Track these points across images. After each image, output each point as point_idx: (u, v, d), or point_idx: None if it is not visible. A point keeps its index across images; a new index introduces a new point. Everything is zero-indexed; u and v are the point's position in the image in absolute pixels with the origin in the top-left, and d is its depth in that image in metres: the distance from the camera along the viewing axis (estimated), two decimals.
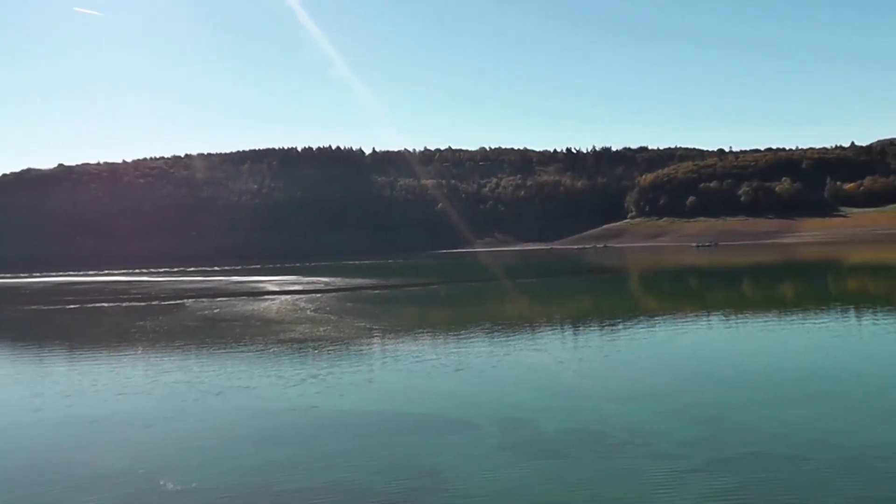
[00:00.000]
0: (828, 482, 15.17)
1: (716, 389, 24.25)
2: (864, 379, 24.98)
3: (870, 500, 14.18)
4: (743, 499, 14.42)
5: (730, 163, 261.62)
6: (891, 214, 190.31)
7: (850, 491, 14.63)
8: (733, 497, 14.54)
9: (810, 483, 15.15)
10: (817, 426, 19.19)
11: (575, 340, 36.48)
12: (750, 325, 40.36)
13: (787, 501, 14.22)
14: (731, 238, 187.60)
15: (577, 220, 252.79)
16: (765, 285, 70.03)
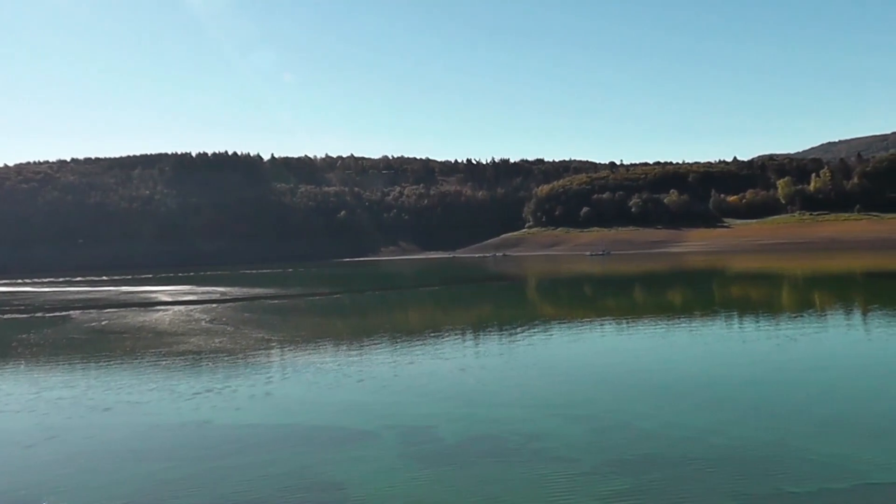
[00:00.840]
0: (714, 482, 16.03)
1: (611, 393, 25.16)
2: (750, 382, 26.53)
3: (753, 497, 15.10)
4: (635, 500, 15.04)
5: (621, 175, 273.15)
6: (770, 225, 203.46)
7: (736, 489, 15.53)
8: (626, 499, 15.13)
9: (698, 483, 15.97)
10: (705, 428, 20.24)
11: (477, 347, 36.97)
12: (642, 330, 42.11)
13: (675, 501, 14.94)
14: (622, 247, 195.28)
15: (478, 229, 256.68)
16: (655, 292, 73.27)
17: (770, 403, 23.03)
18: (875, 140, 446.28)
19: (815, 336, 36.38)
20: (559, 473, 16.74)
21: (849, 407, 22.05)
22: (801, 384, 25.59)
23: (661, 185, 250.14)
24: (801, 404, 22.64)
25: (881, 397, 23.22)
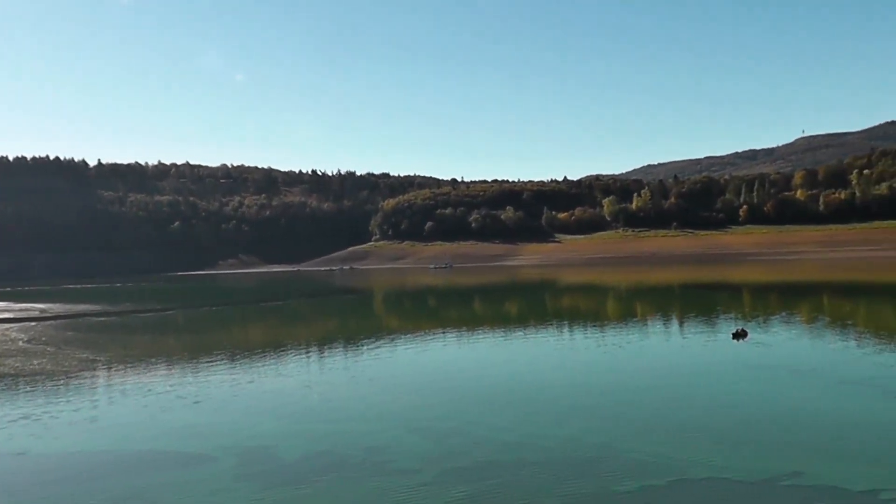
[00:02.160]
0: (545, 484, 17.01)
1: (452, 403, 25.88)
2: (579, 388, 28.28)
3: (580, 496, 16.19)
4: None
5: (462, 192, 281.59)
6: (597, 241, 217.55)
7: (566, 489, 16.57)
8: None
9: (530, 486, 16.88)
10: (538, 432, 21.40)
11: (321, 363, 36.61)
12: (482, 340, 43.60)
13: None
14: (464, 260, 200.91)
15: (323, 241, 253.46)
16: (494, 303, 76.05)
17: (597, 407, 24.71)
18: (690, 163, 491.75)
19: (638, 344, 39.42)
20: (400, 485, 17.06)
21: (668, 409, 24.14)
22: (625, 388, 27.66)
23: (498, 202, 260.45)
24: (626, 407, 24.50)
25: (697, 400, 25.62)
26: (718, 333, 41.61)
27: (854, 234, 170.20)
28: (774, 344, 37.39)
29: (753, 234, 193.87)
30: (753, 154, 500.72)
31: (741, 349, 35.73)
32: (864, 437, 19.88)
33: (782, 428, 21.08)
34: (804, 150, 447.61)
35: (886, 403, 23.51)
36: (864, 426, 21.01)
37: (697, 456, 18.54)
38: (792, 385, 27.16)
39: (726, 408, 23.99)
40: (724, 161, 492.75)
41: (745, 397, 25.37)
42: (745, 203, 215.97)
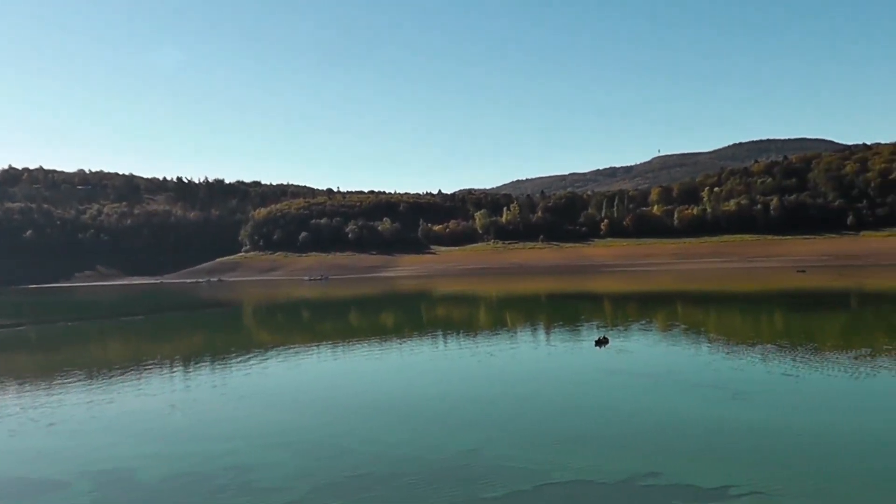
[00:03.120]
0: (418, 494, 17.29)
1: (324, 418, 25.69)
2: (452, 397, 28.83)
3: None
4: None
5: (338, 202, 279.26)
6: (470, 252, 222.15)
7: (438, 498, 16.91)
8: None
9: (404, 497, 17.10)
10: (412, 443, 21.68)
11: (187, 381, 35.19)
12: (358, 353, 43.43)
13: None
14: (340, 272, 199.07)
15: (190, 253, 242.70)
16: (370, 315, 75.94)
17: (468, 415, 25.36)
18: (555, 179, 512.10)
19: (509, 352, 40.69)
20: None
21: (535, 415, 25.13)
22: (496, 397, 28.52)
23: (375, 213, 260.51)
24: (495, 415, 25.28)
25: (562, 406, 26.82)
26: (582, 341, 43.71)
27: (705, 247, 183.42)
28: (634, 350, 39.76)
29: (614, 246, 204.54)
30: (613, 171, 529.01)
31: (603, 356, 37.74)
32: (715, 437, 21.60)
33: (641, 430, 22.51)
34: (660, 169, 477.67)
35: (735, 404, 25.62)
36: (715, 426, 22.81)
37: (562, 460, 19.45)
38: (649, 389, 29.00)
39: (589, 412, 25.30)
40: (586, 178, 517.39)
41: (606, 402, 26.86)
42: (606, 217, 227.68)
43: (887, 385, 28.25)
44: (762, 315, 60.19)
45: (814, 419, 23.17)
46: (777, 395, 26.94)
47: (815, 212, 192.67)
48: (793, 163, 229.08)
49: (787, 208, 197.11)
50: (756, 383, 29.11)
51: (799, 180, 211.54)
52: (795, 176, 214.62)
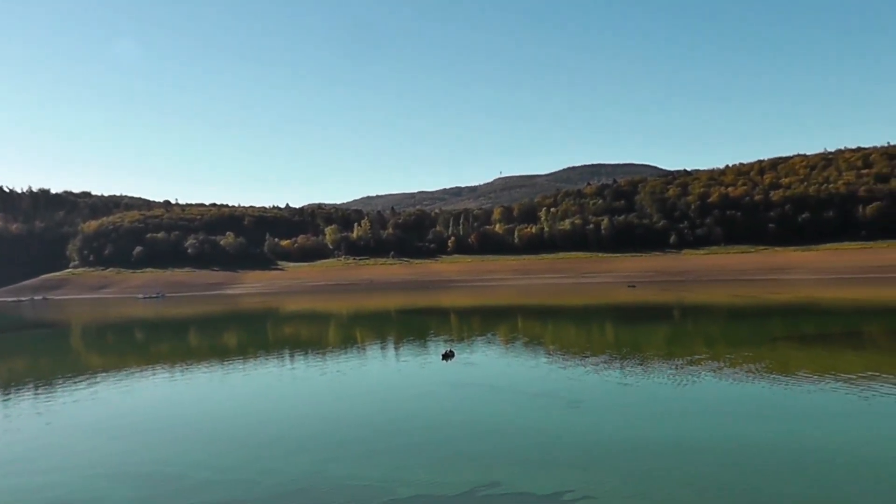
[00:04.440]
0: None
1: (155, 445, 24.57)
2: (304, 417, 28.52)
3: None
4: None
5: (177, 215, 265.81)
6: (320, 268, 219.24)
7: None
8: None
9: None
10: (252, 468, 21.31)
11: (7, 408, 32.31)
12: (199, 375, 41.73)
13: None
14: (179, 289, 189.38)
15: (10, 268, 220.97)
16: (211, 335, 72.99)
17: (313, 435, 25.28)
18: (405, 196, 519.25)
19: (359, 369, 40.82)
20: None
21: (382, 432, 25.48)
22: (343, 415, 28.62)
23: (217, 227, 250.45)
24: (341, 433, 25.38)
25: (409, 421, 27.36)
26: (430, 355, 44.74)
27: (543, 264, 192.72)
28: (478, 363, 41.27)
29: (460, 262, 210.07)
30: (459, 191, 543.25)
31: (449, 369, 38.88)
32: (551, 445, 22.98)
33: (482, 441, 23.53)
34: (501, 189, 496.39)
35: (569, 413, 27.36)
36: (551, 435, 24.27)
37: (406, 475, 19.92)
38: (491, 400, 30.30)
39: (434, 426, 26.06)
40: (434, 196, 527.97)
41: (450, 414, 27.77)
42: (452, 235, 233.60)
43: (707, 391, 31.29)
44: (595, 327, 64.40)
45: (641, 425, 25.28)
46: (608, 403, 29.10)
47: (642, 231, 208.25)
48: (621, 186, 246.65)
49: (617, 228, 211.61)
50: (589, 392, 31.25)
51: (627, 202, 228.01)
52: (624, 198, 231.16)
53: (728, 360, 38.36)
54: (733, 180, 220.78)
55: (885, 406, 26.68)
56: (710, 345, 47.65)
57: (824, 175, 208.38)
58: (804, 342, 46.05)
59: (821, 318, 62.59)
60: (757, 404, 28.09)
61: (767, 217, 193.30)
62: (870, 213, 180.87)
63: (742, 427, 24.55)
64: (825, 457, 20.89)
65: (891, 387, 29.73)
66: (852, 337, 49.08)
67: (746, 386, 31.44)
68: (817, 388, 30.59)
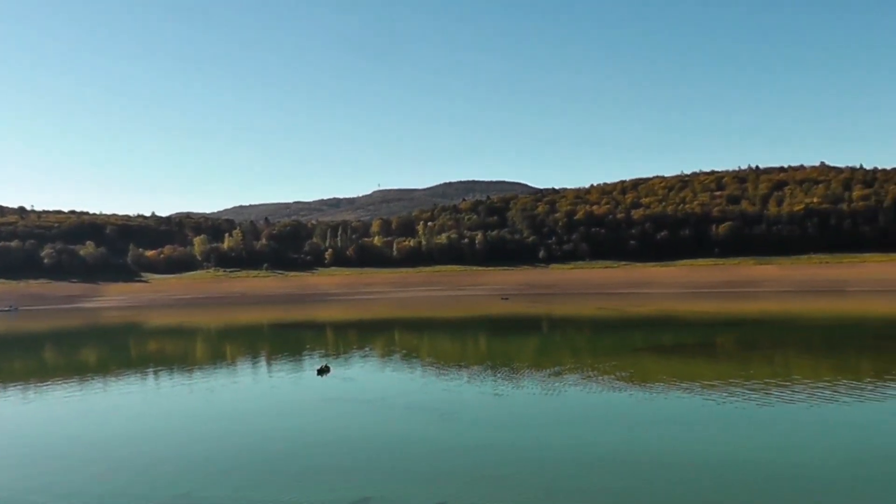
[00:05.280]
0: None
1: (9, 470, 22.98)
2: (165, 437, 27.35)
3: None
4: None
5: (32, 222, 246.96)
6: (188, 281, 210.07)
7: None
8: None
9: None
10: (112, 496, 20.32)
11: None
12: (51, 395, 39.02)
13: None
14: (34, 302, 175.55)
15: None
16: (69, 351, 68.31)
17: (181, 458, 24.37)
18: (280, 207, 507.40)
19: (230, 387, 39.63)
20: None
21: (253, 452, 24.97)
22: (212, 435, 27.76)
23: (77, 236, 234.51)
24: (211, 455, 24.65)
25: (278, 439, 26.93)
26: (305, 371, 44.16)
27: (421, 277, 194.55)
28: (355, 377, 41.20)
29: (337, 275, 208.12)
30: (337, 202, 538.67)
31: (325, 384, 38.57)
32: (423, 457, 23.41)
33: (356, 456, 23.60)
34: (380, 202, 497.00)
35: (444, 424, 27.92)
36: (424, 447, 24.70)
37: (277, 495, 19.62)
38: (366, 414, 30.39)
39: (308, 443, 25.83)
40: (311, 207, 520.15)
41: (325, 430, 27.60)
42: (330, 247, 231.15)
43: (573, 400, 32.84)
44: (470, 339, 65.85)
45: (511, 435, 26.23)
46: (482, 414, 29.95)
47: (514, 246, 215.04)
48: (494, 203, 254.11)
49: (490, 242, 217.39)
50: (464, 403, 32.01)
51: (500, 218, 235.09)
52: (497, 214, 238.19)
53: (593, 369, 40.41)
54: (598, 199, 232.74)
55: (734, 411, 29.11)
56: (576, 355, 49.96)
57: (681, 196, 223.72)
58: (663, 352, 49.20)
59: (678, 329, 67.03)
60: (617, 411, 29.87)
61: (629, 234, 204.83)
62: (722, 232, 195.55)
63: (602, 433, 26.07)
64: (674, 459, 22.52)
65: (740, 393, 32.44)
66: (705, 347, 52.97)
67: (609, 394, 33.29)
68: (674, 395, 32.88)
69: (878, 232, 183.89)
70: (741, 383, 34.80)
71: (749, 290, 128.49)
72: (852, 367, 41.27)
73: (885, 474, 20.54)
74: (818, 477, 20.46)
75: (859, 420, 27.43)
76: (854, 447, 23.36)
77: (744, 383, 34.78)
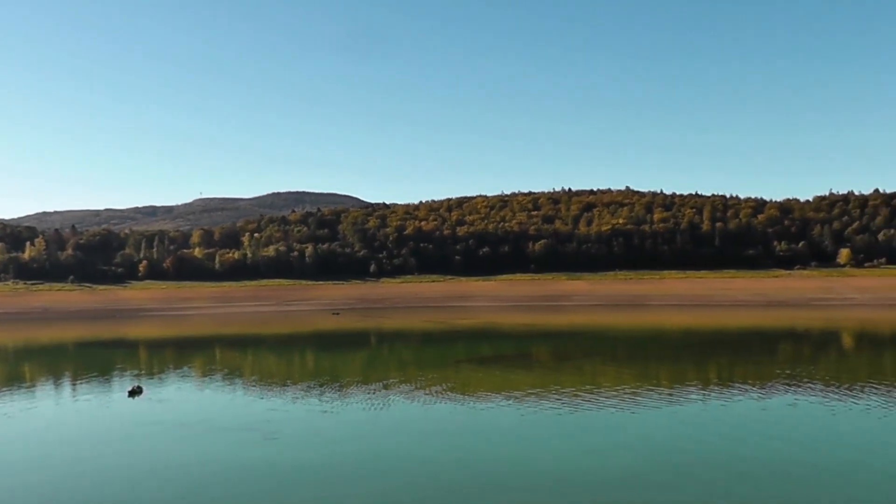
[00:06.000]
0: None
1: None
2: None
3: None
4: None
5: None
6: None
7: None
8: None
9: None
10: None
11: None
12: None
13: None
14: None
15: None
16: None
17: None
18: (89, 214, 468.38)
19: (29, 412, 36.16)
20: None
21: (47, 485, 23.06)
22: (3, 462, 25.32)
23: None
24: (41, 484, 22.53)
25: (84, 471, 25.06)
26: (115, 392, 41.32)
27: (245, 291, 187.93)
28: (170, 398, 39.14)
29: (152, 289, 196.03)
30: (154, 210, 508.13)
31: (137, 407, 36.35)
32: (242, 480, 22.81)
33: (167, 485, 22.53)
34: (202, 211, 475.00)
35: (266, 445, 27.30)
36: (246, 470, 24.05)
37: None
38: (181, 438, 29.02)
39: (113, 472, 24.25)
40: (124, 215, 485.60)
41: (132, 457, 26.01)
42: (144, 258, 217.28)
43: (398, 413, 33.42)
44: (297, 356, 64.75)
45: (337, 451, 26.27)
46: (307, 432, 29.67)
47: (344, 260, 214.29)
48: (325, 215, 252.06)
49: (321, 256, 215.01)
50: (289, 422, 31.52)
51: (330, 231, 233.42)
52: (327, 227, 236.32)
53: (419, 382, 41.40)
54: (426, 215, 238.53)
55: (548, 418, 31.09)
56: (403, 368, 50.87)
57: (501, 214, 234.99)
58: (483, 363, 51.34)
59: (498, 341, 70.19)
60: (439, 423, 30.91)
61: (454, 250, 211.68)
62: (538, 249, 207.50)
63: (425, 445, 26.87)
64: (490, 467, 23.75)
65: (554, 399, 34.72)
66: (523, 358, 55.96)
67: (432, 406, 34.30)
68: (492, 404, 34.50)
69: (676, 251, 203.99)
70: (554, 391, 37.24)
71: (562, 303, 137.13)
72: (652, 375, 45.45)
73: (672, 476, 22.97)
74: (618, 479, 22.45)
75: (656, 423, 30.35)
76: (648, 450, 25.86)
77: (556, 391, 37.24)
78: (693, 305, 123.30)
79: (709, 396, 36.42)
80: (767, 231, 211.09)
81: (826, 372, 45.66)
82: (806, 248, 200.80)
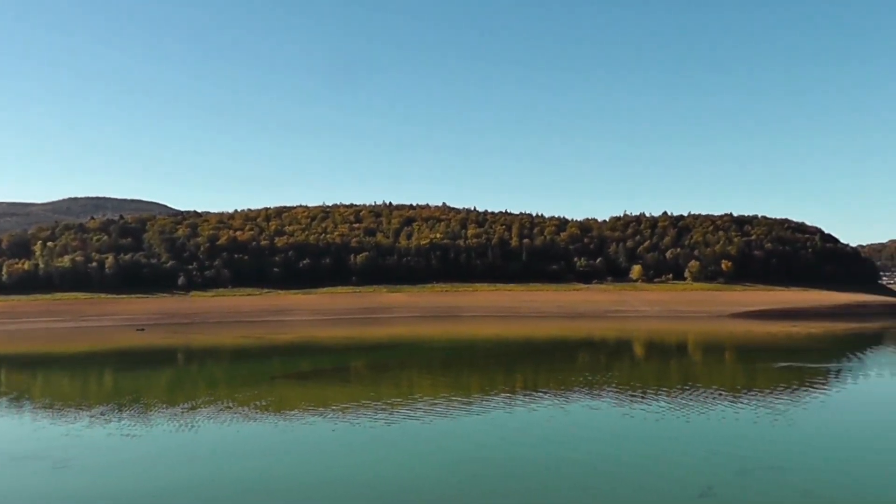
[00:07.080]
0: None
1: None
2: None
3: None
4: None
5: None
6: None
7: None
8: None
9: None
10: None
11: None
12: None
13: None
14: None
15: None
16: None
17: None
18: None
19: None
20: None
21: None
22: None
23: None
24: None
25: None
26: None
27: (36, 305, 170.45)
28: None
29: None
30: None
31: None
32: None
33: None
34: None
35: (56, 474, 25.21)
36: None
37: None
38: None
39: None
40: None
41: None
42: None
43: (212, 434, 32.13)
44: (94, 376, 59.94)
45: (143, 477, 24.82)
46: (103, 459, 27.75)
47: (150, 271, 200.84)
48: (129, 223, 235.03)
49: (123, 267, 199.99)
50: (83, 448, 29.30)
51: (135, 240, 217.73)
52: (131, 235, 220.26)
53: (230, 401, 40.06)
54: (242, 225, 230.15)
55: (363, 431, 31.45)
56: (213, 387, 48.90)
57: (323, 226, 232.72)
58: (300, 379, 50.73)
59: (316, 355, 69.49)
60: (251, 442, 30.26)
61: (273, 261, 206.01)
62: (360, 262, 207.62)
63: (236, 466, 26.24)
64: (305, 481, 23.70)
65: (370, 414, 35.13)
66: (341, 371, 55.94)
67: (244, 425, 33.42)
68: (308, 420, 34.27)
69: (488, 265, 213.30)
70: (370, 404, 37.72)
71: (382, 315, 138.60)
72: (464, 385, 47.37)
73: (477, 476, 24.28)
74: (431, 488, 23.32)
75: (465, 431, 31.78)
76: (457, 456, 27.08)
77: (373, 404, 37.74)
78: (503, 316, 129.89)
79: (516, 402, 38.76)
80: (569, 248, 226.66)
81: (619, 378, 50.20)
82: (603, 264, 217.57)
